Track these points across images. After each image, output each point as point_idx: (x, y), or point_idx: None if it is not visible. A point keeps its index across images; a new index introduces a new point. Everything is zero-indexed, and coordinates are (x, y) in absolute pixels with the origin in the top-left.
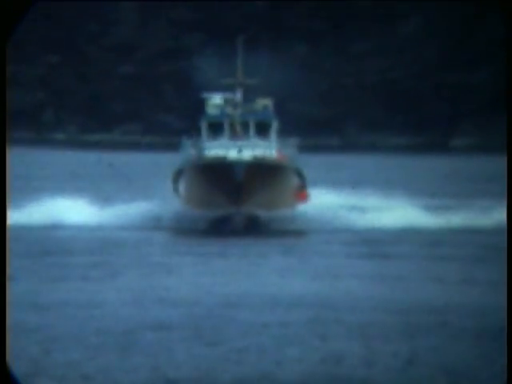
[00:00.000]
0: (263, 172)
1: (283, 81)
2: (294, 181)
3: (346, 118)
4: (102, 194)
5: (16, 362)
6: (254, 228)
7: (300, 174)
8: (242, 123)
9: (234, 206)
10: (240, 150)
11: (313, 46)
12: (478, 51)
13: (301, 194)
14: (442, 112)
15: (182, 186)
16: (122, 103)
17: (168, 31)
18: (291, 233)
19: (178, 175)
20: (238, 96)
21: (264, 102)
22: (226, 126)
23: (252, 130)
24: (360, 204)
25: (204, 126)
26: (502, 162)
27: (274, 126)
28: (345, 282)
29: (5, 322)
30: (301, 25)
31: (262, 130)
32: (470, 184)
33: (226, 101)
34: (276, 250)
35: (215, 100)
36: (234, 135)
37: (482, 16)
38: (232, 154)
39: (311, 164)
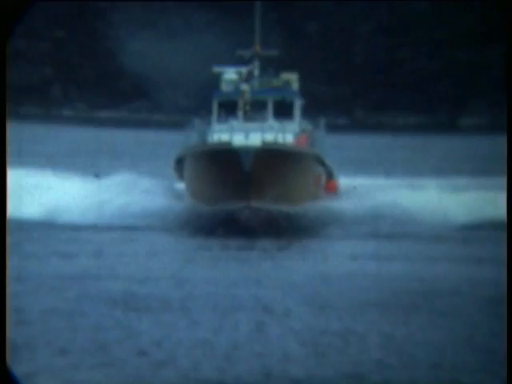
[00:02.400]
0: (275, 160)
1: (297, 57)
2: (316, 170)
3: (354, 98)
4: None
5: None
6: (267, 226)
7: (322, 162)
8: (258, 101)
9: (242, 200)
10: (247, 134)
11: (322, 25)
12: (489, 29)
13: (328, 184)
14: (451, 91)
15: (185, 176)
16: (129, 80)
17: (177, 9)
18: (314, 232)
19: (179, 163)
20: (255, 70)
21: (289, 77)
22: (241, 105)
23: (270, 110)
24: (388, 185)
25: (214, 105)
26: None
27: (298, 105)
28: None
29: (5, 323)
30: (310, 4)
31: (283, 109)
32: (481, 163)
33: (241, 75)
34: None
35: (228, 75)
36: (247, 115)
37: None
38: (238, 139)
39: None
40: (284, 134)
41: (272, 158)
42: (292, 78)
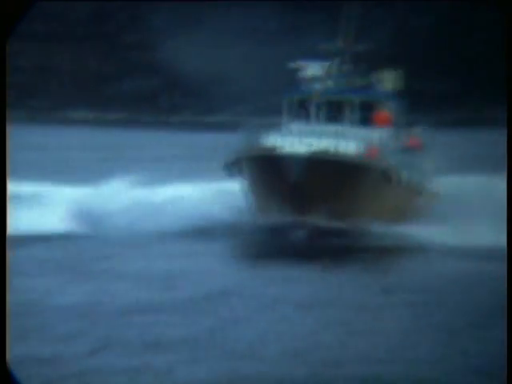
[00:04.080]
0: (325, 171)
1: (405, 53)
2: (381, 184)
3: (466, 93)
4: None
5: None
6: (318, 246)
7: (387, 177)
8: (337, 102)
9: (291, 213)
10: (303, 141)
11: (431, 19)
12: None
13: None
14: None
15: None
16: (231, 85)
17: (282, 10)
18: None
19: (230, 166)
20: (339, 66)
21: (386, 76)
22: (312, 106)
23: (350, 113)
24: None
25: (285, 105)
26: None
27: (387, 108)
28: None
29: (5, 322)
30: None
31: (369, 113)
32: None
33: (323, 72)
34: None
35: (311, 70)
36: (322, 118)
37: None
38: (289, 145)
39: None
40: (348, 141)
41: (322, 168)
42: (389, 77)
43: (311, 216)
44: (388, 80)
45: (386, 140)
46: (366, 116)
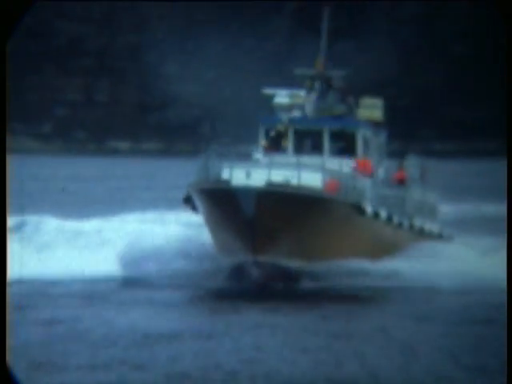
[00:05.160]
0: (282, 205)
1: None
2: (341, 220)
3: (494, 120)
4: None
5: None
6: (277, 288)
7: (360, 210)
8: (311, 132)
9: (248, 252)
10: (249, 174)
11: (467, 43)
12: None
13: None
14: None
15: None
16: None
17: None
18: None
19: (187, 200)
20: (313, 93)
21: (372, 103)
22: (283, 136)
23: (326, 143)
24: None
25: (261, 133)
26: None
27: (360, 138)
28: None
29: (5, 322)
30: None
31: (345, 143)
32: None
33: (296, 99)
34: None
35: (280, 98)
36: (295, 149)
37: None
38: (240, 177)
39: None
40: (313, 173)
41: (278, 202)
42: (377, 105)
43: (269, 255)
44: (368, 109)
45: (356, 173)
46: (340, 147)
